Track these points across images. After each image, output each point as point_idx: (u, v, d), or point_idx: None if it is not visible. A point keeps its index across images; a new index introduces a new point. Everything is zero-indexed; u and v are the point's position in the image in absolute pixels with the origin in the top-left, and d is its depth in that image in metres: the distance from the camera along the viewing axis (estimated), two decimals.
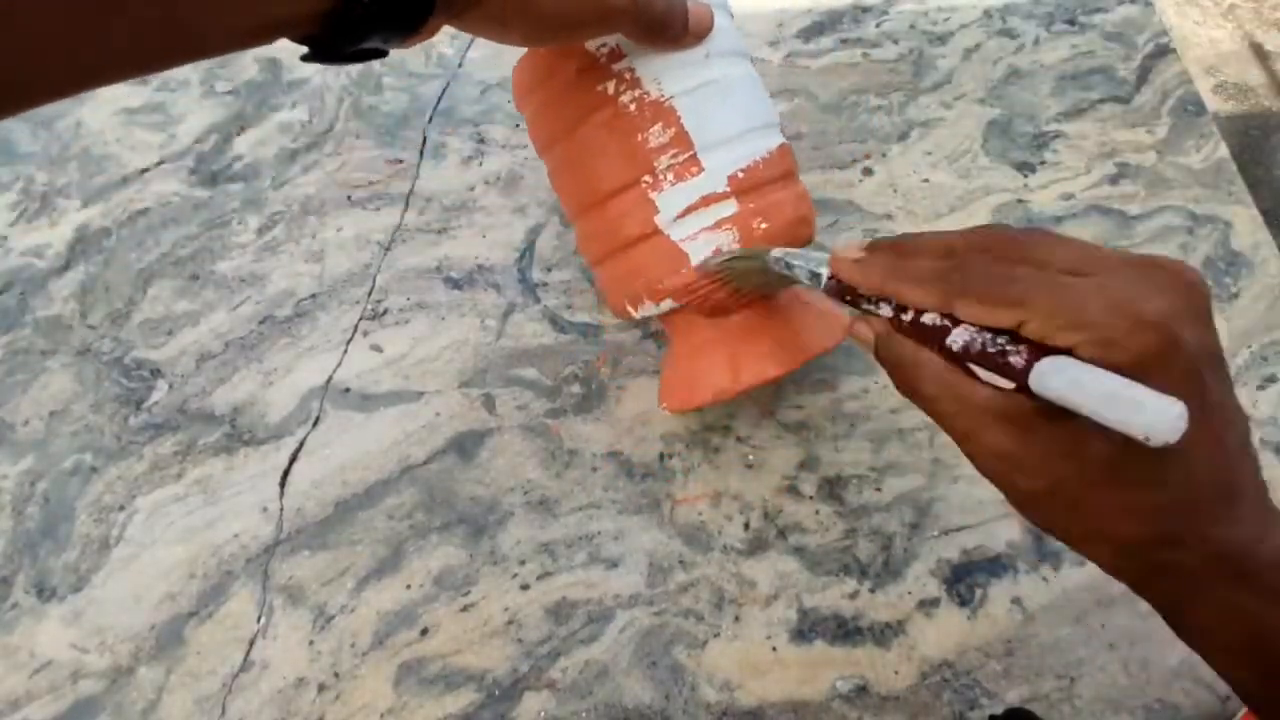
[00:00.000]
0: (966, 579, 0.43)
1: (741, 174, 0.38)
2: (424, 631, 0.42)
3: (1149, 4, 0.61)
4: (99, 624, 0.42)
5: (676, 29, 0.35)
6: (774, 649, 0.42)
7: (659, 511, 0.45)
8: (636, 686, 0.41)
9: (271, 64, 0.58)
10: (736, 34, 0.39)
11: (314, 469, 0.46)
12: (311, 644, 0.42)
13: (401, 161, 0.55)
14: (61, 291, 0.51)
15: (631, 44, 0.36)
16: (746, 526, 0.44)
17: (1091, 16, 0.60)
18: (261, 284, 0.51)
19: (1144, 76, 0.58)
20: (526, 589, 0.43)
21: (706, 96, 0.37)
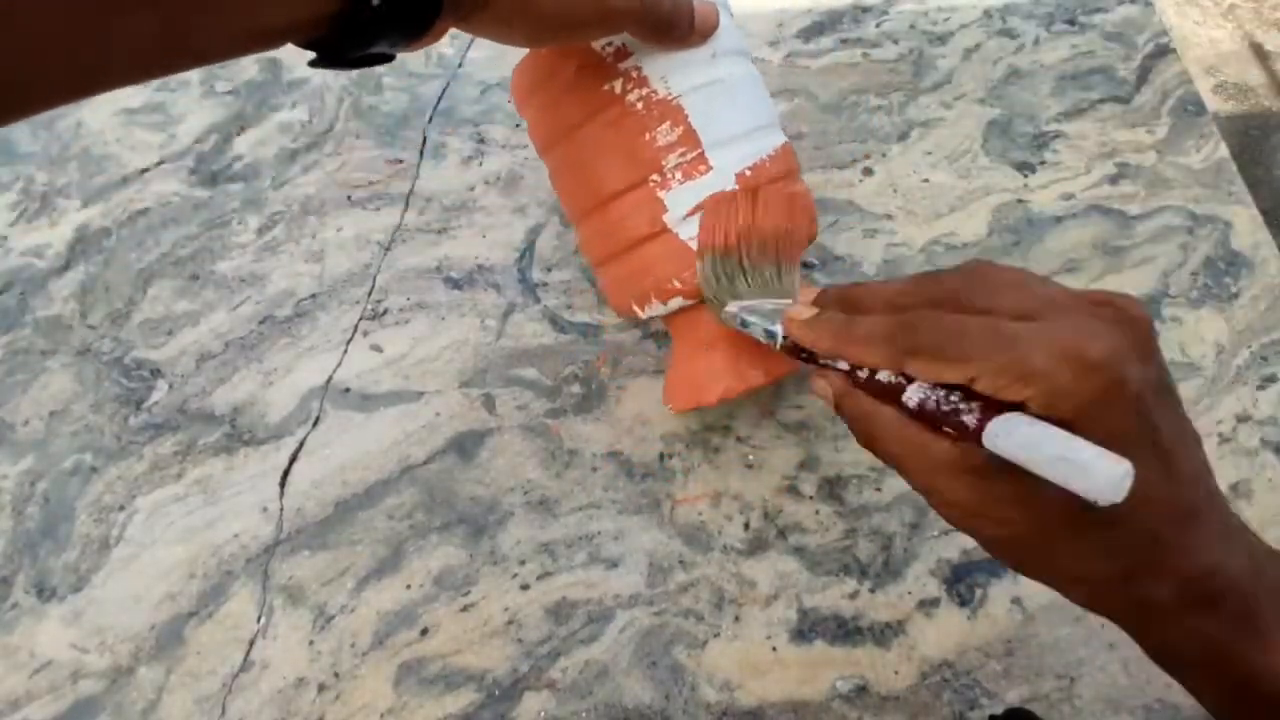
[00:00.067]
0: (966, 579, 0.43)
1: (749, 172, 0.38)
2: (424, 631, 0.42)
3: (1149, 4, 0.61)
4: (99, 624, 0.42)
5: (683, 28, 0.35)
6: (774, 649, 0.42)
7: (659, 511, 0.45)
8: (636, 686, 0.41)
9: (271, 64, 0.58)
10: (738, 33, 0.39)
11: (314, 469, 0.46)
12: (311, 644, 0.42)
13: (401, 161, 0.55)
14: (61, 291, 0.51)
15: (638, 43, 0.36)
16: (746, 526, 0.44)
17: (1091, 16, 0.60)
18: (261, 284, 0.51)
19: (1144, 76, 0.58)
20: (526, 589, 0.43)
21: (713, 95, 0.37)
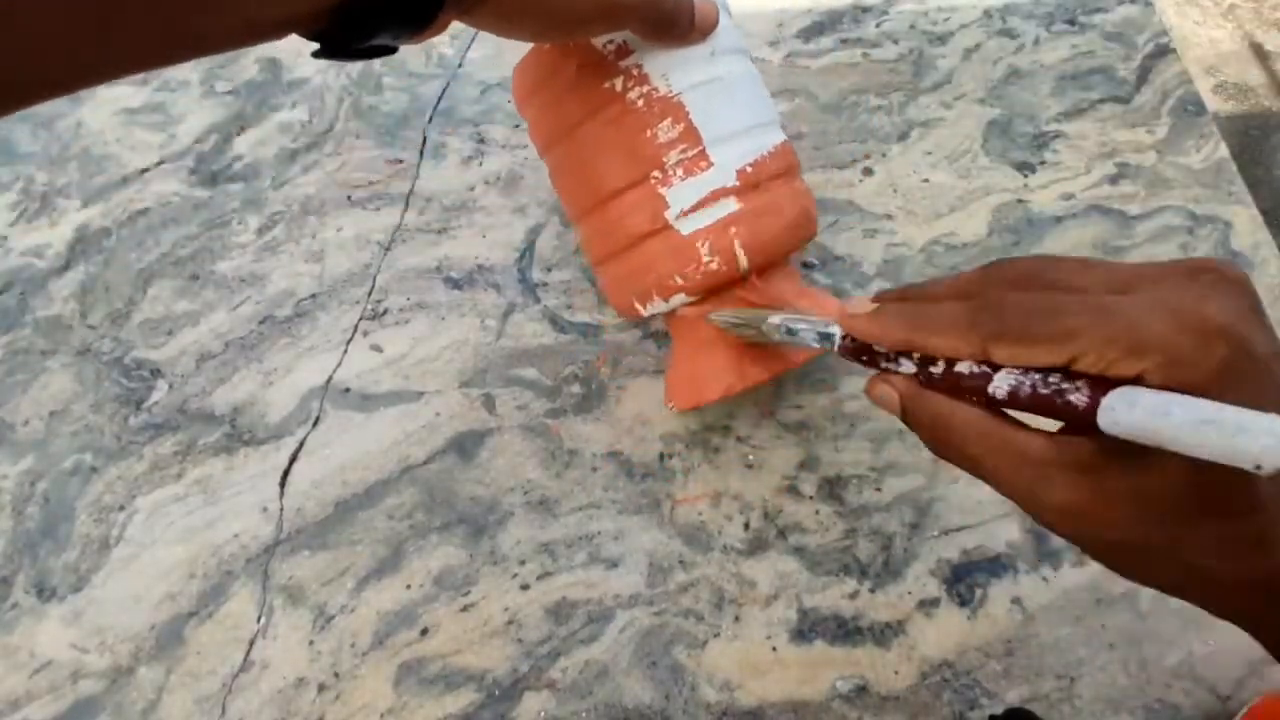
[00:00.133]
0: (966, 579, 0.43)
1: (750, 168, 0.38)
2: (424, 631, 0.42)
3: (1149, 4, 0.61)
4: (99, 624, 0.42)
5: (683, 25, 0.35)
6: (774, 649, 0.42)
7: (659, 511, 0.45)
8: (636, 686, 0.41)
9: (271, 64, 0.58)
10: (737, 31, 0.39)
11: (314, 469, 0.46)
12: (311, 644, 0.42)
13: (401, 161, 0.55)
14: (61, 291, 0.51)
15: (638, 40, 0.36)
16: (746, 526, 0.44)
17: (1091, 16, 0.60)
18: (261, 284, 0.51)
19: (1144, 76, 0.58)
20: (526, 589, 0.43)
21: (713, 92, 0.37)
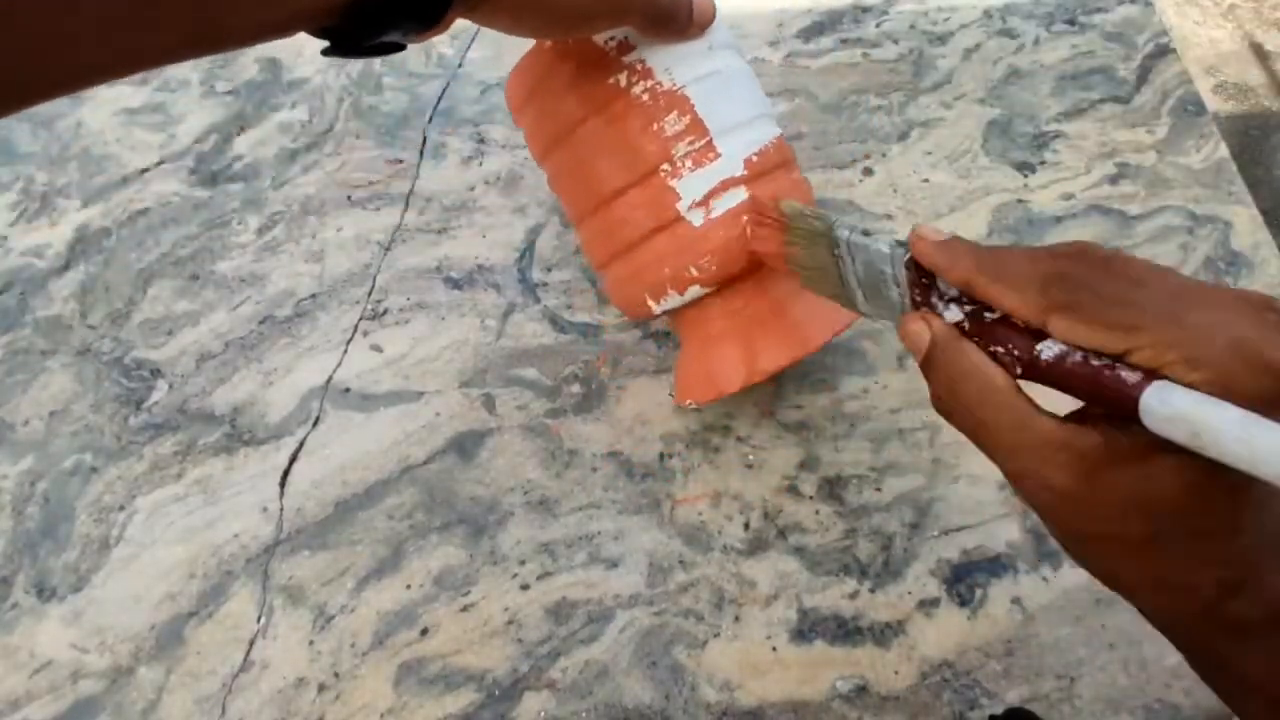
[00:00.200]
0: (966, 579, 0.43)
1: (755, 158, 0.38)
2: (424, 631, 0.42)
3: (1149, 4, 0.61)
4: (99, 624, 0.42)
5: (683, 20, 0.35)
6: (774, 649, 0.42)
7: (659, 511, 0.45)
8: (636, 686, 0.41)
9: (271, 64, 0.58)
10: (726, 27, 0.40)
11: (314, 469, 0.46)
12: (311, 644, 0.42)
13: (401, 161, 0.55)
14: (61, 291, 0.51)
15: (639, 36, 0.36)
16: (746, 526, 0.44)
17: (1091, 16, 0.60)
18: (261, 284, 0.51)
19: (1144, 76, 0.58)
20: (526, 589, 0.43)
21: (714, 85, 0.38)
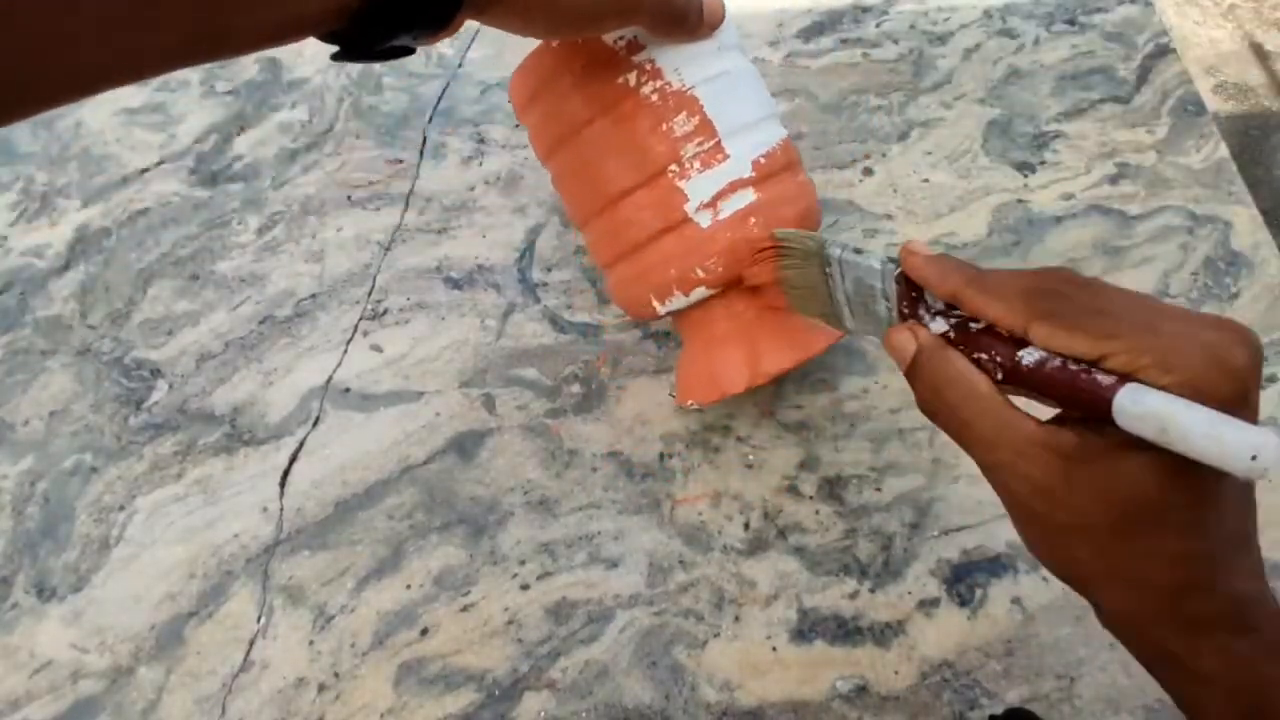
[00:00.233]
0: (966, 579, 0.43)
1: (763, 160, 0.38)
2: (424, 631, 0.42)
3: (1149, 4, 0.61)
4: (99, 624, 0.42)
5: (693, 20, 0.35)
6: (774, 649, 0.42)
7: (659, 511, 0.45)
8: (636, 686, 0.41)
9: (271, 64, 0.58)
10: (734, 28, 0.40)
11: (314, 469, 0.46)
12: (311, 644, 0.42)
13: (401, 161, 0.55)
14: (61, 291, 0.51)
15: (648, 36, 0.36)
16: (746, 526, 0.44)
17: (1091, 16, 0.60)
18: (261, 284, 0.51)
19: (1144, 76, 0.58)
20: (526, 589, 0.43)
21: (723, 86, 0.38)
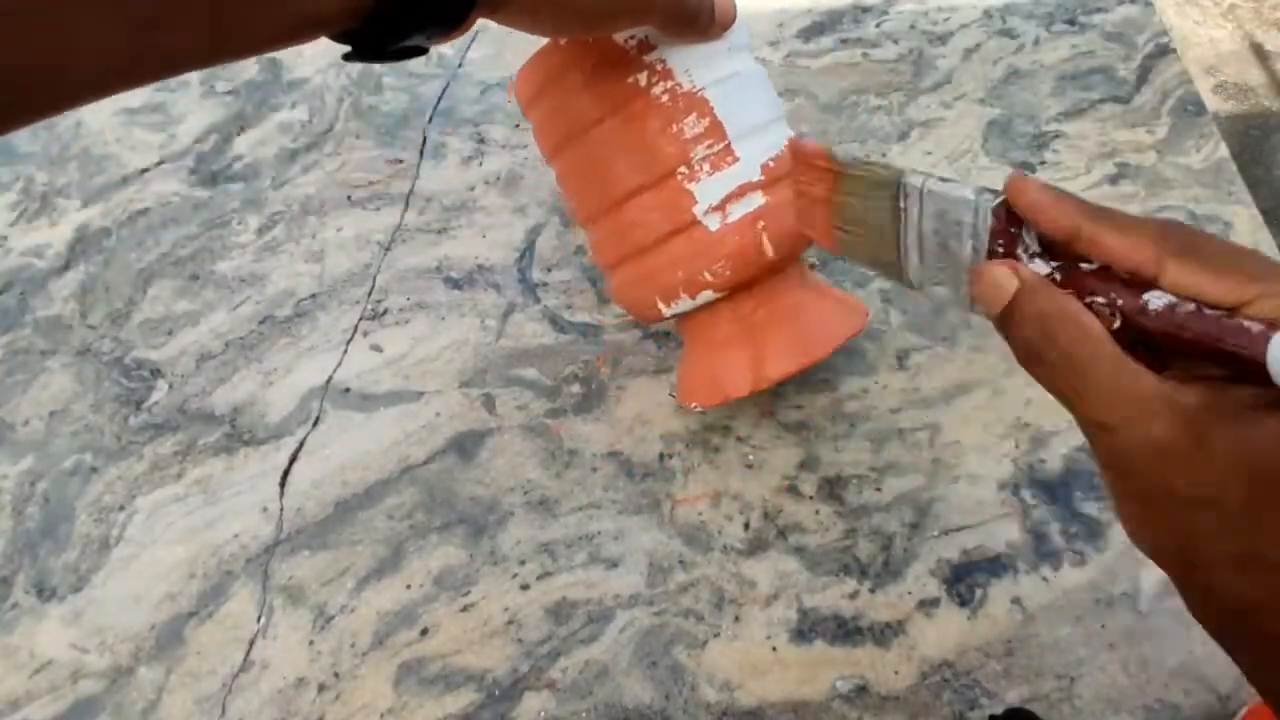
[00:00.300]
0: (966, 579, 0.43)
1: (772, 163, 0.38)
2: (424, 631, 0.42)
3: (1149, 4, 0.61)
4: (99, 624, 0.42)
5: (705, 20, 0.35)
6: (774, 649, 0.42)
7: (659, 511, 0.45)
8: (636, 686, 0.41)
9: (271, 64, 0.58)
10: (744, 29, 0.39)
11: (314, 469, 0.46)
12: (311, 644, 0.42)
13: (401, 161, 0.55)
14: (61, 291, 0.51)
15: (659, 36, 0.36)
16: (746, 526, 0.44)
17: (1091, 16, 0.60)
18: (261, 284, 0.51)
19: (1144, 76, 0.58)
20: (526, 589, 0.43)
21: (733, 88, 0.37)
